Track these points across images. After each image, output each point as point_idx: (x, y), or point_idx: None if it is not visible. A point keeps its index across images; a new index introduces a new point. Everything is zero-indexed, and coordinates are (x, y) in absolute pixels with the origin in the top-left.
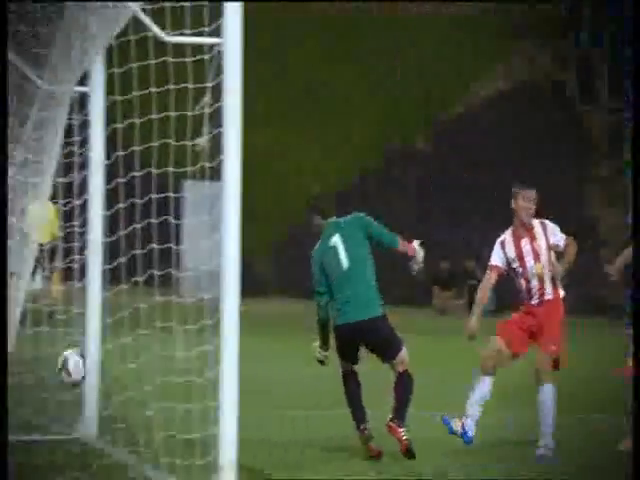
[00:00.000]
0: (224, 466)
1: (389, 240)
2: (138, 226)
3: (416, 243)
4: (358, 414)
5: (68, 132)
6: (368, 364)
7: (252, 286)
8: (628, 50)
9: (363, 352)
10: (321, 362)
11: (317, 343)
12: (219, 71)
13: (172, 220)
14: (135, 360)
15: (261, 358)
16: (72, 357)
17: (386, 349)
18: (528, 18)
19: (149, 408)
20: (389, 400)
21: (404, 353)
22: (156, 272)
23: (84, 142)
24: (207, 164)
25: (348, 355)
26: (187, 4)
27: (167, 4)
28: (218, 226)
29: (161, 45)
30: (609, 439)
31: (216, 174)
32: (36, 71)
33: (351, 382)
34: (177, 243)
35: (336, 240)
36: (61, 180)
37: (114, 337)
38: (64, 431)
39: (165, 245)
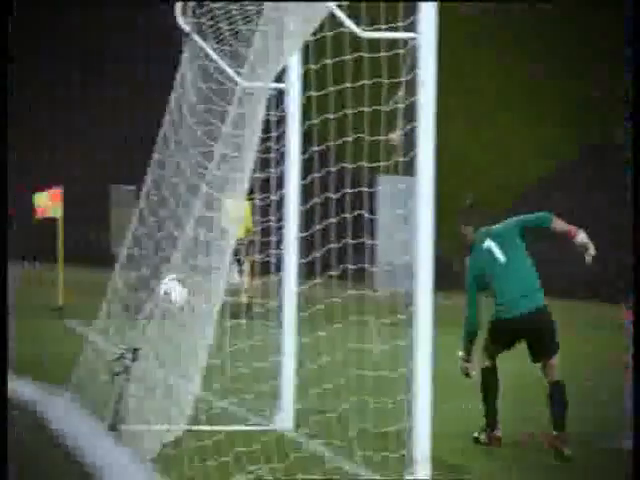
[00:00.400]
0: (418, 459)
1: (542, 220)
2: (333, 220)
3: (580, 230)
4: (492, 414)
5: (266, 128)
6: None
7: (451, 285)
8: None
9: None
10: (466, 374)
11: (461, 354)
12: (413, 65)
13: (366, 214)
14: (330, 353)
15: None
16: (175, 286)
17: (547, 343)
18: None
19: (344, 401)
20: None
21: (557, 357)
22: (350, 266)
23: (281, 138)
24: (401, 158)
25: (499, 349)
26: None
27: (363, 0)
28: (412, 220)
29: (356, 41)
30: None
31: (410, 168)
32: (235, 68)
33: (492, 378)
34: (371, 237)
35: (489, 243)
36: (258, 175)
37: (309, 330)
38: (262, 422)
39: (359, 239)
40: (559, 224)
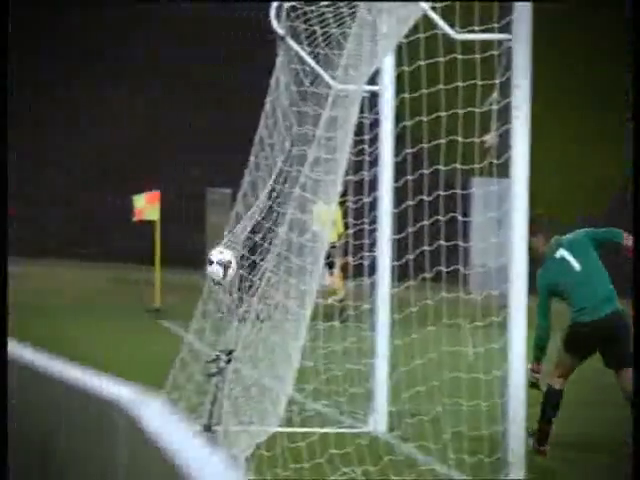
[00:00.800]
0: (513, 463)
1: (613, 234)
2: (426, 223)
3: None
4: (544, 432)
5: (359, 130)
6: None
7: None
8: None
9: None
10: (536, 386)
11: (531, 365)
12: (508, 67)
13: (460, 217)
14: (423, 356)
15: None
16: (226, 257)
17: (624, 349)
18: None
19: (437, 404)
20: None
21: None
22: (443, 268)
23: (374, 140)
24: (495, 161)
25: (573, 362)
26: (476, 1)
27: (457, 2)
28: (506, 223)
29: (449, 42)
30: None
31: (504, 171)
32: (329, 72)
33: (556, 401)
34: (465, 240)
35: (562, 252)
36: (351, 178)
37: (402, 333)
38: (355, 425)
39: (453, 242)
40: (630, 240)
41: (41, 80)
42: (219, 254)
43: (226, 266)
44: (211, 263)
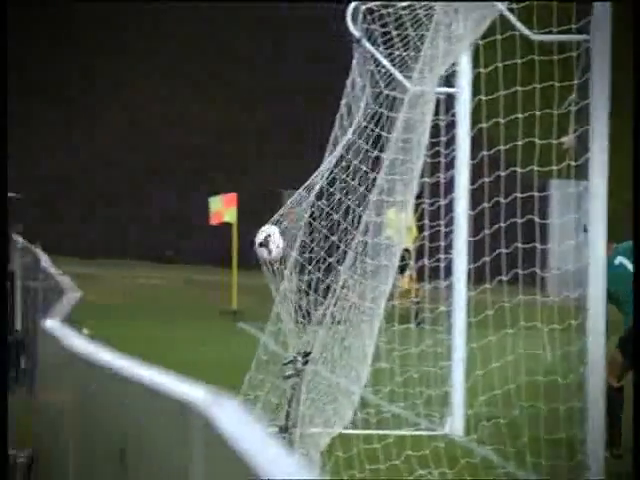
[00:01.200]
0: (592, 467)
1: None
2: (503, 225)
3: None
4: (614, 434)
5: (435, 132)
6: None
7: None
8: None
9: None
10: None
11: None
12: (586, 68)
13: (537, 219)
14: (499, 359)
15: None
16: (274, 233)
17: None
18: None
19: (514, 407)
20: None
21: None
22: (520, 271)
23: (450, 142)
24: (573, 162)
25: (629, 365)
26: (554, 2)
27: (534, 2)
28: (584, 225)
29: (527, 43)
30: None
31: (583, 173)
32: (404, 73)
33: (618, 399)
34: (542, 242)
35: (620, 259)
36: (427, 180)
37: (479, 336)
38: (431, 427)
39: (530, 244)
40: None
41: (117, 81)
42: (259, 235)
43: (265, 243)
44: (255, 249)
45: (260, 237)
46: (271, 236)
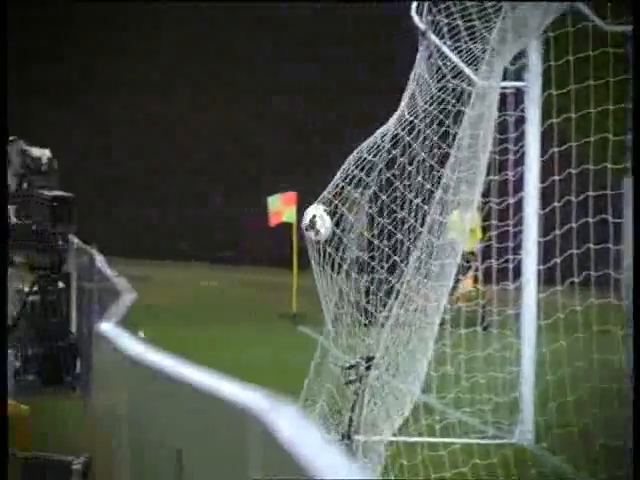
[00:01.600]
0: None
1: None
2: (574, 225)
3: None
4: None
5: (503, 128)
6: None
7: None
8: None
9: None
10: None
11: None
12: None
13: (610, 218)
14: (571, 364)
15: None
16: (322, 214)
17: None
18: None
19: (587, 415)
20: None
21: None
22: (593, 273)
23: (519, 138)
24: None
25: None
26: None
27: None
28: None
29: (600, 35)
30: None
31: None
32: (471, 67)
33: None
34: (616, 242)
35: None
36: (495, 178)
37: (549, 340)
38: (500, 435)
39: (603, 244)
40: None
41: (164, 83)
42: (305, 217)
43: (312, 224)
44: (304, 233)
45: (306, 219)
46: (317, 217)
